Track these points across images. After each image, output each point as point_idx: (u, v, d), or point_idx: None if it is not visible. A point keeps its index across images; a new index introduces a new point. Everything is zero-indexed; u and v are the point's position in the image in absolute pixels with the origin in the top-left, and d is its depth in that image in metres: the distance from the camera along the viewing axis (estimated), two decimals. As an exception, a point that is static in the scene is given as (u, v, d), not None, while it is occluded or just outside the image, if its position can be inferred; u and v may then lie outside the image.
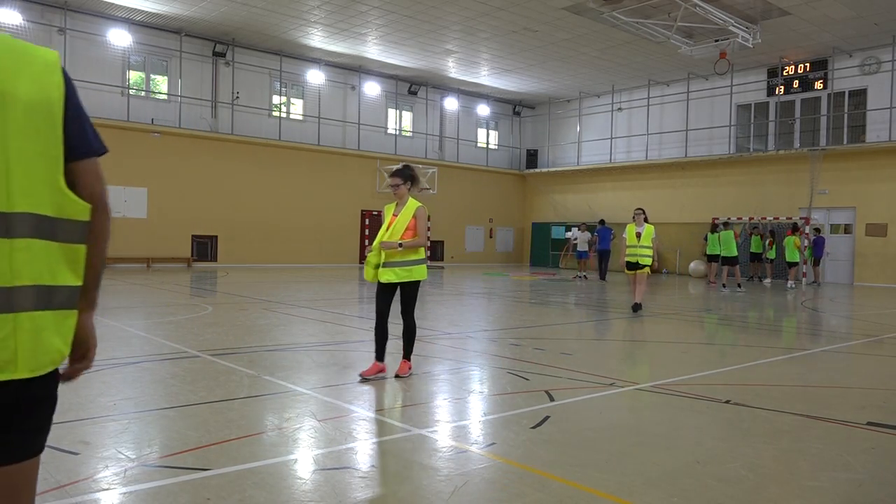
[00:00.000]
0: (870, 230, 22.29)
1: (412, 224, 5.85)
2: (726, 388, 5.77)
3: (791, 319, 12.42)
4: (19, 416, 1.47)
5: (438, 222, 30.02)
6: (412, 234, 5.81)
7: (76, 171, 1.51)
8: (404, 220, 5.85)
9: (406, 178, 5.96)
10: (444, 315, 11.39)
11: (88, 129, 1.55)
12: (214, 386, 5.43)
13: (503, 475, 3.56)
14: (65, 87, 1.50)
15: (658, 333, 9.92)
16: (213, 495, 3.18)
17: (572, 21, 20.33)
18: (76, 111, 1.52)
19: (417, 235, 5.84)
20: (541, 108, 32.68)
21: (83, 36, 21.00)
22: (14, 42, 1.46)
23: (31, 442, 1.53)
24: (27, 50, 1.46)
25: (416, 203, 5.95)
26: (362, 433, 4.32)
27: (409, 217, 5.86)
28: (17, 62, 1.43)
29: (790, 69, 24.13)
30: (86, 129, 1.54)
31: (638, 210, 12.09)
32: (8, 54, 1.42)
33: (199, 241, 23.36)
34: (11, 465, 1.49)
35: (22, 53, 1.45)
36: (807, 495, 3.36)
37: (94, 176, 1.55)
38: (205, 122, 23.59)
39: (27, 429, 1.51)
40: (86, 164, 1.53)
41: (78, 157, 1.51)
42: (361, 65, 26.48)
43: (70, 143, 1.50)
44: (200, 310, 10.82)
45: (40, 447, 1.55)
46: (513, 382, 5.90)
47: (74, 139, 1.51)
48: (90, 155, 1.54)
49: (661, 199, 27.61)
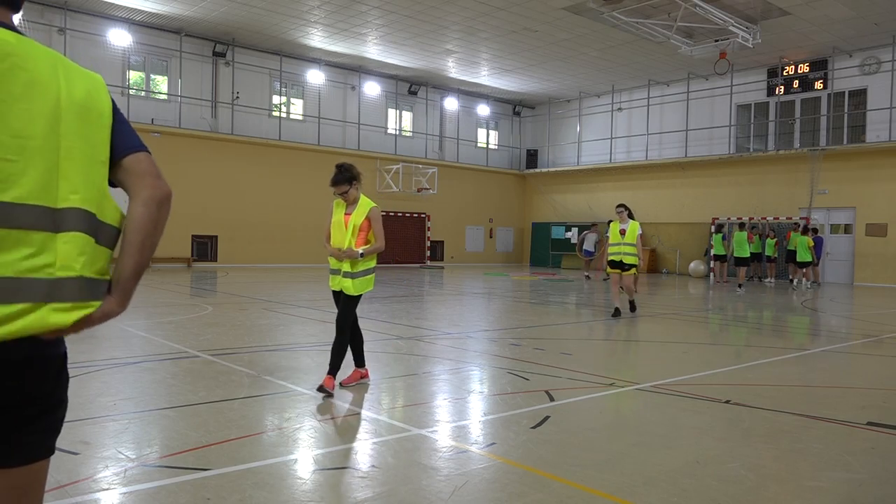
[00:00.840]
0: (870, 230, 22.29)
1: (365, 226, 5.41)
2: (726, 388, 5.77)
3: (791, 319, 12.41)
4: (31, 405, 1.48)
5: (439, 222, 30.03)
6: (364, 237, 5.39)
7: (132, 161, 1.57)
8: (357, 220, 5.41)
9: (350, 181, 5.46)
10: (444, 315, 11.40)
11: (135, 133, 1.64)
12: (214, 386, 5.43)
13: (503, 475, 3.56)
14: (111, 101, 1.60)
15: (658, 333, 9.92)
16: (213, 495, 3.18)
17: (572, 21, 20.33)
18: (122, 120, 1.61)
19: (374, 239, 5.42)
20: (541, 108, 32.68)
21: (83, 36, 20.99)
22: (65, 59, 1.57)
23: (45, 442, 1.54)
24: (77, 67, 1.57)
25: (368, 203, 5.51)
26: (362, 433, 4.32)
27: (362, 218, 5.41)
28: (71, 72, 1.53)
29: (790, 69, 24.13)
30: (133, 132, 1.63)
31: (620, 206, 11.30)
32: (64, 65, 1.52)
33: (199, 241, 23.36)
34: (25, 467, 1.51)
35: (74, 67, 1.55)
36: (807, 495, 3.36)
37: (152, 165, 1.60)
38: (205, 122, 23.59)
39: (42, 429, 1.52)
40: (141, 155, 1.59)
41: (130, 150, 1.58)
42: (361, 65, 26.48)
43: (120, 141, 1.57)
44: (200, 310, 10.82)
45: (52, 448, 1.57)
46: (513, 382, 5.89)
47: (125, 137, 1.59)
48: (142, 149, 1.60)
49: (661, 199, 27.62)
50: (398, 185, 27.61)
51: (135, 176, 1.57)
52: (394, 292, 15.36)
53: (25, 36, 1.48)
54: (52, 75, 1.47)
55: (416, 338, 8.45)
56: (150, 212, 1.55)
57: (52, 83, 1.46)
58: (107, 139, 1.55)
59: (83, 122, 1.50)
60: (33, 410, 1.48)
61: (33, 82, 1.43)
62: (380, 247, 5.44)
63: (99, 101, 1.56)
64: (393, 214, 28.48)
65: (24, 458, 1.50)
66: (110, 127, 1.57)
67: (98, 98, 1.56)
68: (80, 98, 1.51)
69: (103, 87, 1.60)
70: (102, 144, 1.54)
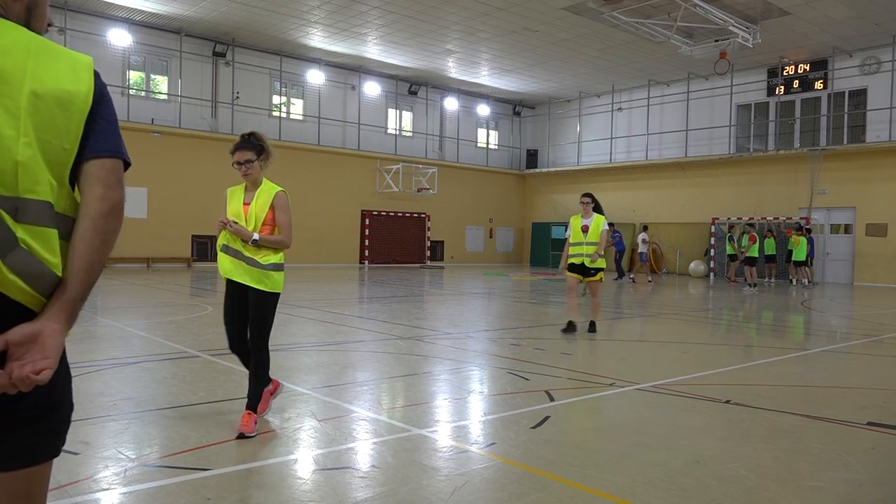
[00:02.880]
0: (870, 230, 22.29)
1: (269, 217, 4.32)
2: (726, 388, 5.77)
3: (791, 319, 12.41)
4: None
5: (439, 222, 30.03)
6: (271, 231, 4.33)
7: (95, 167, 1.46)
8: (260, 210, 4.29)
9: (257, 151, 4.38)
10: (444, 315, 11.40)
11: (115, 134, 1.52)
12: (214, 386, 5.43)
13: (503, 475, 3.55)
14: (95, 90, 1.48)
15: (658, 333, 9.92)
16: (213, 495, 3.18)
17: (572, 21, 20.33)
18: (106, 114, 1.50)
19: (280, 232, 4.34)
20: (541, 108, 32.69)
21: (83, 36, 20.99)
22: (48, 42, 1.45)
23: (45, 445, 1.51)
24: (59, 49, 1.46)
25: (273, 187, 4.43)
26: (362, 433, 4.32)
27: (267, 207, 4.31)
28: (46, 56, 1.42)
29: (790, 69, 24.14)
30: (112, 132, 1.51)
31: (585, 196, 9.28)
32: (38, 48, 1.42)
33: (199, 241, 23.36)
34: (23, 470, 1.47)
35: (53, 50, 1.44)
36: (807, 495, 3.36)
37: (115, 176, 1.49)
38: (205, 122, 23.59)
39: (41, 431, 1.49)
40: (108, 163, 1.47)
41: (99, 155, 1.47)
42: (361, 65, 26.48)
43: (92, 141, 1.46)
44: (200, 310, 10.82)
45: (54, 451, 1.54)
46: (513, 382, 5.89)
47: (99, 137, 1.47)
48: (114, 155, 1.49)
49: (661, 199, 27.62)
50: (398, 185, 27.61)
51: (87, 183, 1.45)
52: (394, 292, 15.36)
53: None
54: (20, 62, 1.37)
55: (416, 338, 8.45)
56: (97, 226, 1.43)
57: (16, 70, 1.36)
58: (77, 131, 1.43)
59: (48, 110, 1.38)
60: (28, 412, 1.42)
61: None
62: (284, 240, 4.32)
63: (75, 87, 1.43)
64: (393, 214, 28.48)
65: (21, 461, 1.45)
66: (85, 119, 1.45)
67: (75, 84, 1.43)
68: (49, 85, 1.39)
69: (88, 70, 1.47)
70: (71, 135, 1.42)
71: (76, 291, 1.42)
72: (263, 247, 4.24)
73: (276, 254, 4.31)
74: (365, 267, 26.76)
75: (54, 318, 1.38)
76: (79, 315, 1.45)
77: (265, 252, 4.26)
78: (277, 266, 4.30)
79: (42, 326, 1.36)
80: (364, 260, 27.61)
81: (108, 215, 1.45)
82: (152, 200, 22.11)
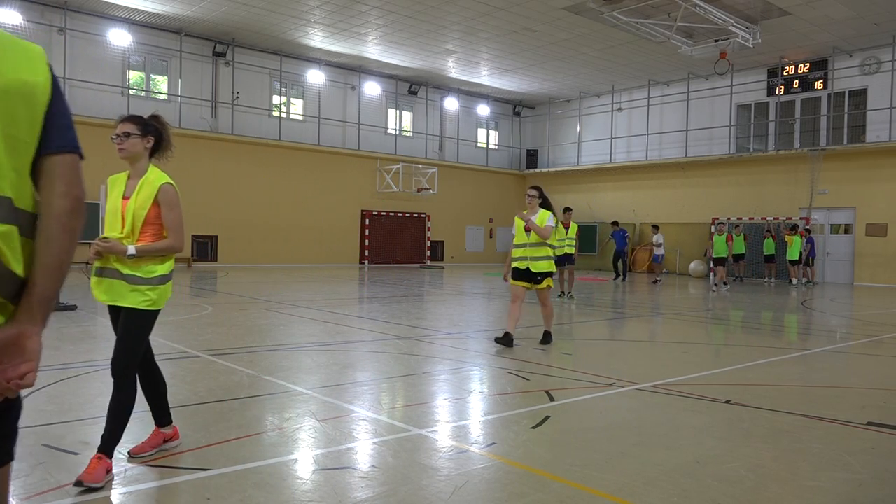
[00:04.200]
0: (870, 230, 22.29)
1: (153, 215, 3.47)
2: (726, 388, 5.77)
3: (791, 319, 12.42)
4: None
5: (439, 222, 30.02)
6: (155, 232, 3.47)
7: (56, 163, 1.42)
8: (140, 207, 3.45)
9: (143, 128, 3.57)
10: (445, 315, 11.39)
11: (72, 128, 1.48)
12: (214, 386, 5.43)
13: (503, 475, 3.56)
14: (51, 81, 1.44)
15: (658, 333, 9.92)
16: (213, 495, 3.18)
17: (572, 21, 20.33)
18: (61, 107, 1.46)
19: (168, 234, 3.51)
20: (541, 108, 32.69)
21: (83, 36, 20.99)
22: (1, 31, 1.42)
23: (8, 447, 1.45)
24: (12, 39, 1.42)
25: (160, 177, 3.56)
26: (362, 433, 4.32)
27: (149, 202, 3.46)
28: (3, 47, 1.38)
29: (790, 69, 24.14)
30: (70, 126, 1.47)
31: (532, 189, 7.92)
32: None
33: (199, 241, 23.36)
34: None
35: (8, 41, 1.40)
36: (807, 495, 3.36)
37: (76, 172, 1.46)
38: (205, 122, 23.59)
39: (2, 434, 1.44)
40: (68, 158, 1.44)
41: (59, 150, 1.43)
42: (361, 65, 26.48)
43: (51, 135, 1.43)
44: (200, 310, 10.82)
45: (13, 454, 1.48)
46: (513, 382, 5.89)
47: (58, 131, 1.43)
48: (74, 151, 1.46)
49: (661, 199, 27.62)
50: (398, 185, 27.61)
51: (49, 179, 1.41)
52: (394, 292, 15.36)
53: None
54: None
55: (416, 338, 8.45)
56: (64, 224, 1.41)
57: None
58: (38, 122, 1.40)
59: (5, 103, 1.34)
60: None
61: None
62: (172, 245, 3.50)
63: (33, 78, 1.39)
64: (393, 214, 28.48)
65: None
66: (44, 112, 1.41)
67: (32, 75, 1.39)
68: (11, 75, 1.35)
69: (43, 61, 1.43)
70: (30, 127, 1.38)
71: (48, 291, 1.38)
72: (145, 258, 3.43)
73: (164, 263, 3.51)
74: (365, 267, 26.76)
75: (30, 320, 1.35)
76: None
77: (149, 262, 3.45)
78: (164, 278, 3.50)
79: (20, 329, 1.33)
80: (364, 260, 27.61)
81: (72, 213, 1.43)
82: (152, 200, 22.08)
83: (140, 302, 3.41)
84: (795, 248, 20.59)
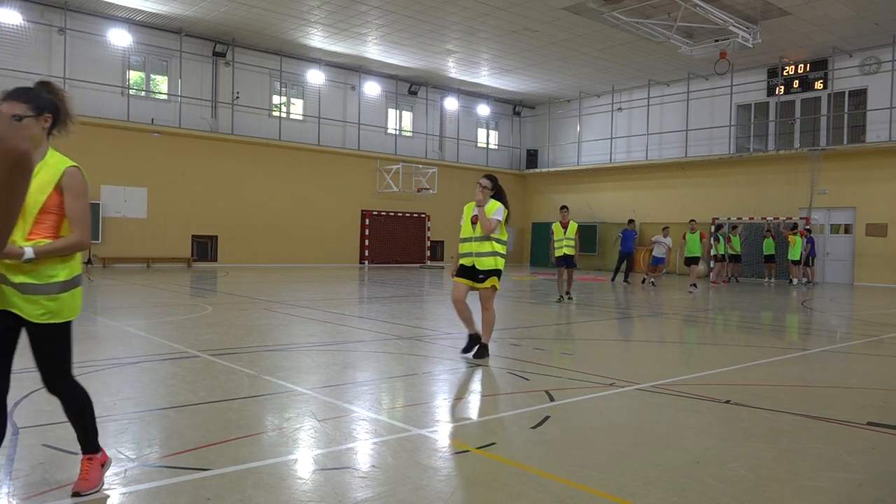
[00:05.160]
0: (870, 230, 22.29)
1: (53, 203, 2.91)
2: (726, 388, 5.77)
3: (791, 319, 12.41)
4: None
5: (439, 222, 30.02)
6: (52, 224, 2.93)
7: None
8: (38, 192, 2.86)
9: (35, 105, 2.92)
10: (444, 315, 11.39)
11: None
12: (214, 386, 5.43)
13: (503, 475, 3.55)
14: None
15: (658, 333, 9.92)
16: (213, 495, 3.18)
17: (572, 21, 20.33)
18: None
19: (71, 229, 2.95)
20: (541, 108, 32.69)
21: (83, 36, 20.99)
22: None
23: None
24: None
25: (62, 161, 2.97)
26: (362, 433, 4.32)
27: (49, 188, 2.90)
28: None
29: (790, 69, 24.14)
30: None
31: (485, 179, 7.17)
32: None
33: (199, 241, 23.37)
34: None
35: None
36: (807, 495, 3.36)
37: None
38: (205, 122, 23.59)
39: None
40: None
41: None
42: (361, 65, 26.48)
43: None
44: (200, 310, 10.82)
45: None
46: (513, 382, 5.89)
47: None
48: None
49: (661, 199, 27.61)
50: (398, 185, 27.61)
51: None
52: (394, 292, 15.36)
53: None
54: None
55: (416, 338, 8.45)
56: None
57: None
58: None
59: None
60: None
61: None
62: (79, 241, 2.95)
63: None
64: (393, 214, 28.48)
65: None
66: None
67: None
68: None
69: None
70: None
71: None
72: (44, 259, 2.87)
73: (66, 265, 2.95)
74: (365, 267, 26.76)
75: None
76: None
77: (47, 265, 2.89)
78: (67, 285, 2.94)
79: None
80: (364, 260, 27.61)
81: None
82: (152, 201, 22.11)
83: (38, 315, 2.87)
84: (797, 247, 20.66)
